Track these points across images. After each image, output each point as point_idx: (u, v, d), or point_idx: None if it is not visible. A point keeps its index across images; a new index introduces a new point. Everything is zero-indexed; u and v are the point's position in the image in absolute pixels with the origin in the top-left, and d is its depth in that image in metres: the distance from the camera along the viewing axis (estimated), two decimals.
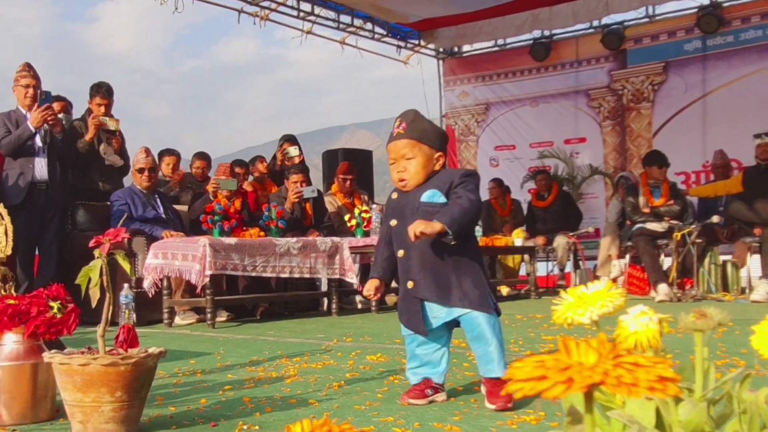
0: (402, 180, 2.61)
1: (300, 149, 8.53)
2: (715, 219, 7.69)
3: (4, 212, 2.83)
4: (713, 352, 3.16)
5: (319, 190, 8.23)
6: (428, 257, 2.56)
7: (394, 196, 2.72)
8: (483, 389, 2.54)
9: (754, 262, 7.47)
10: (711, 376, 0.87)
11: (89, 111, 7.15)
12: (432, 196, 2.55)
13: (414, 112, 2.73)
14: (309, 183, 7.79)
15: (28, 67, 6.49)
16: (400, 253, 2.64)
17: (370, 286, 2.70)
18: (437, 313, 2.56)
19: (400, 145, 2.60)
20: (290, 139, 8.68)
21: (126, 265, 2.40)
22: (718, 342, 3.71)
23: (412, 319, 2.60)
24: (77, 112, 7.27)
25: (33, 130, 6.32)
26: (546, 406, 2.46)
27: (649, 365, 0.58)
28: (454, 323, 2.60)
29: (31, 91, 6.36)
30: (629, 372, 0.56)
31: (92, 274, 2.27)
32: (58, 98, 7.02)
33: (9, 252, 2.81)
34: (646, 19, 11.06)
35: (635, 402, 0.82)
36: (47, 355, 2.23)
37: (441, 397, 2.61)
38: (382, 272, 2.73)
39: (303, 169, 8.09)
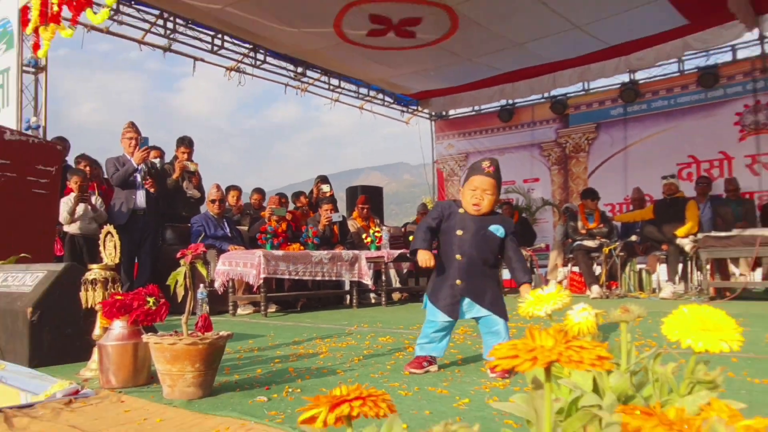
0: (477, 205, 2.55)
1: (330, 186, 8.62)
2: (633, 238, 7.83)
3: (113, 231, 2.90)
4: (633, 337, 3.23)
5: (343, 216, 8.23)
6: (477, 268, 2.55)
7: (461, 211, 2.62)
8: (489, 372, 2.45)
9: (662, 269, 7.54)
10: (632, 354, 0.88)
11: (176, 157, 7.27)
12: (497, 230, 2.56)
13: (498, 162, 2.67)
14: (336, 210, 7.82)
15: (132, 125, 6.58)
16: (458, 257, 2.57)
17: (428, 257, 2.56)
18: (468, 308, 2.55)
19: (488, 182, 2.54)
20: (323, 179, 8.75)
21: (203, 271, 2.44)
22: (637, 329, 3.70)
23: (451, 307, 2.55)
24: (167, 158, 7.39)
25: (136, 167, 6.37)
26: (516, 375, 2.48)
27: (590, 348, 0.60)
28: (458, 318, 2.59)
29: (133, 142, 6.42)
30: (577, 353, 0.59)
31: (178, 277, 2.29)
32: (154, 147, 7.12)
33: (117, 261, 2.86)
34: (583, 92, 11.12)
35: (578, 373, 0.82)
36: (145, 337, 2.23)
37: (434, 368, 2.59)
38: (428, 246, 2.60)
39: (332, 200, 8.13)
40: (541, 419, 0.58)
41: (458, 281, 2.55)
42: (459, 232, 2.59)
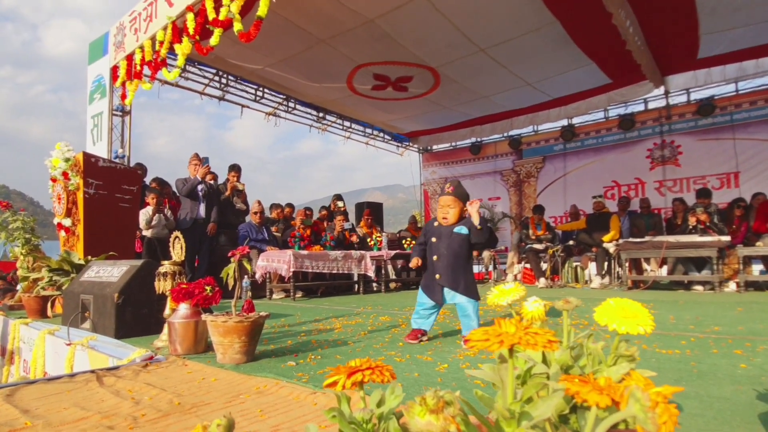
0: (445, 218, 2.58)
1: (343, 202, 8.62)
2: (571, 242, 7.83)
3: (180, 236, 2.90)
4: (572, 320, 3.23)
5: (353, 224, 8.29)
6: (451, 264, 2.54)
7: (436, 224, 2.64)
8: (463, 344, 2.45)
9: (592, 266, 7.55)
10: (571, 334, 0.87)
11: (227, 179, 7.25)
12: (461, 229, 2.55)
13: (458, 181, 2.69)
14: (347, 220, 7.84)
15: (196, 155, 6.61)
16: (435, 258, 2.59)
17: (417, 261, 2.65)
18: (450, 296, 2.54)
19: (449, 200, 2.57)
20: (339, 197, 8.74)
21: (248, 266, 2.46)
22: (574, 312, 3.72)
23: (435, 296, 2.56)
24: (221, 180, 7.39)
25: (199, 179, 6.39)
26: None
27: (542, 334, 0.60)
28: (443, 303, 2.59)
29: (197, 166, 6.54)
30: (533, 338, 0.59)
31: (229, 271, 2.31)
32: (211, 173, 7.16)
33: (182, 258, 2.86)
34: (533, 132, 11.12)
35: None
36: (204, 316, 2.22)
37: (425, 338, 2.61)
38: (419, 254, 2.68)
39: (344, 213, 8.13)
40: (506, 386, 0.58)
41: (437, 276, 2.57)
42: (434, 240, 2.63)
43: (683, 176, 9.20)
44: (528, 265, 8.01)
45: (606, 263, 7.15)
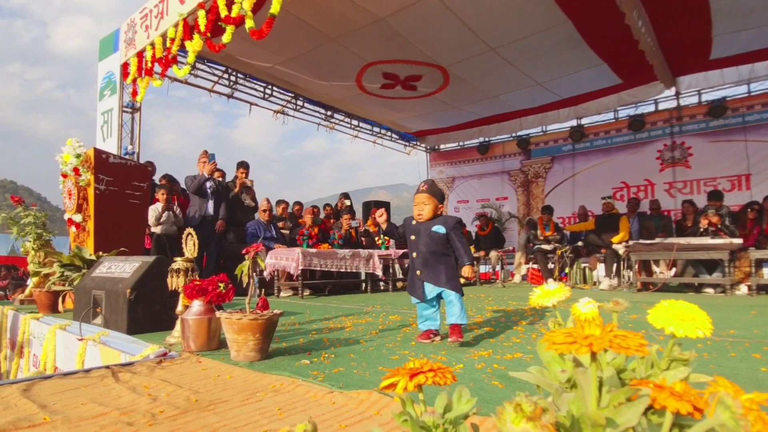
0: (420, 215, 2.61)
1: (351, 200, 8.62)
2: (580, 243, 7.75)
3: (193, 232, 2.90)
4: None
5: (359, 222, 8.28)
6: (428, 259, 2.56)
7: (414, 222, 2.66)
8: (449, 330, 2.50)
9: (601, 268, 7.49)
10: None
11: (236, 176, 7.24)
12: (438, 228, 2.56)
13: (432, 180, 2.73)
14: (353, 219, 7.84)
15: (205, 152, 6.64)
16: (414, 255, 2.62)
17: (382, 212, 2.70)
18: (430, 290, 2.55)
19: (423, 197, 2.61)
20: (346, 195, 8.74)
21: (262, 264, 2.46)
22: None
23: (416, 292, 2.59)
24: (228, 177, 7.41)
25: (206, 176, 6.40)
26: (496, 347, 2.46)
27: (632, 336, 0.56)
28: (439, 296, 2.59)
29: (206, 164, 6.55)
30: (623, 341, 0.55)
31: (244, 269, 2.31)
32: (218, 170, 7.18)
33: (195, 255, 2.87)
34: (542, 133, 11.00)
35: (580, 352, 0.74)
36: (218, 313, 2.22)
37: (438, 338, 2.59)
38: (391, 230, 2.79)
39: (351, 211, 8.13)
40: (589, 392, 0.55)
41: (418, 272, 2.60)
42: (413, 237, 2.65)
43: (694, 178, 9.12)
44: (535, 266, 7.97)
45: (615, 265, 7.10)
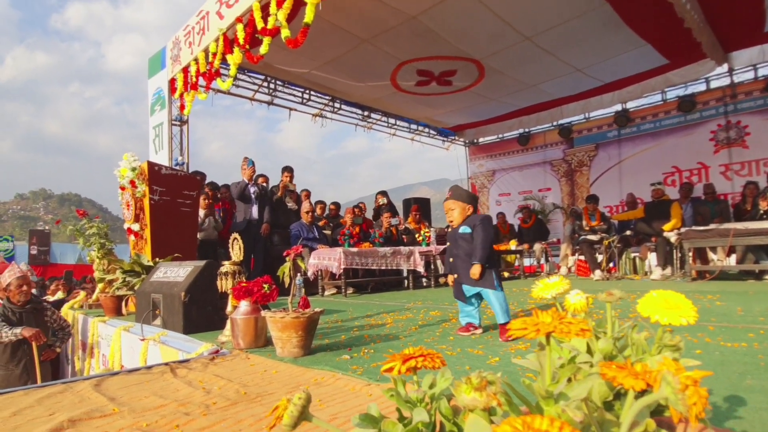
0: (450, 222, 2.73)
1: (387, 197, 8.68)
2: (628, 233, 7.45)
3: (239, 237, 3.06)
4: (623, 312, 3.12)
5: (399, 220, 8.34)
6: (463, 261, 2.63)
7: (449, 229, 2.79)
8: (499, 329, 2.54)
9: (652, 257, 7.15)
10: (616, 325, 0.88)
11: (281, 180, 7.40)
12: (464, 230, 2.64)
13: (455, 186, 2.87)
14: (394, 216, 7.92)
15: (246, 158, 6.89)
16: (451, 259, 2.75)
17: (450, 279, 2.76)
18: (468, 290, 2.63)
19: (449, 204, 2.72)
20: (383, 193, 8.77)
21: (302, 265, 2.57)
22: (620, 307, 3.57)
23: (457, 293, 2.69)
24: (274, 181, 7.66)
25: (246, 181, 6.63)
26: (534, 341, 2.47)
27: (576, 323, 0.63)
28: (479, 295, 2.65)
29: (248, 171, 6.80)
30: (566, 326, 0.63)
31: (285, 270, 2.40)
32: (262, 175, 7.41)
33: (241, 258, 3.02)
34: (585, 120, 10.67)
35: (576, 339, 0.80)
36: (263, 312, 2.33)
37: (478, 331, 2.66)
38: (450, 270, 2.79)
39: (391, 209, 8.20)
40: (545, 370, 0.62)
41: (456, 275, 2.71)
42: (449, 244, 2.78)
43: (752, 158, 8.58)
44: (582, 257, 7.77)
45: (667, 253, 6.83)
